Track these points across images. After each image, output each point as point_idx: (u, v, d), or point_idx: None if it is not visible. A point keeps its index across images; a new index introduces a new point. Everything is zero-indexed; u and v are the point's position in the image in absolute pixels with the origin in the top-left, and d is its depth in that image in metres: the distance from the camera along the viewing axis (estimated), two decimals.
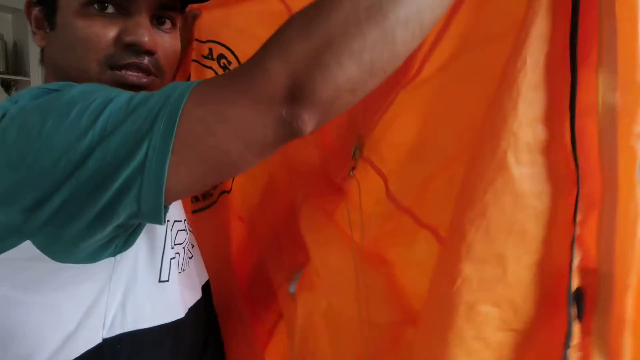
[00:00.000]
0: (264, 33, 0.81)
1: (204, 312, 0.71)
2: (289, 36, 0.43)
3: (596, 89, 0.46)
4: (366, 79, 0.43)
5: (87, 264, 0.51)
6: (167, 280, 0.61)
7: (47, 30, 0.59)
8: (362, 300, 0.69)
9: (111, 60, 0.57)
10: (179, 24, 0.67)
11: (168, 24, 0.64)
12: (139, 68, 0.59)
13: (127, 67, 0.58)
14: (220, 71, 0.89)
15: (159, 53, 0.61)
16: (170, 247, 0.63)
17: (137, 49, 0.58)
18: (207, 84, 0.46)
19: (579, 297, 0.46)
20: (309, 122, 0.43)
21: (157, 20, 0.62)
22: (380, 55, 0.42)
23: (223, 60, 0.88)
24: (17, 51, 3.31)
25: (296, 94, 0.41)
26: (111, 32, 0.57)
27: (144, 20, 0.59)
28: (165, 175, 0.43)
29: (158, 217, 0.46)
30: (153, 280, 0.59)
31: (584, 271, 0.47)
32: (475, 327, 0.48)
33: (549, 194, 0.47)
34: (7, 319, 0.51)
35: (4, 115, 0.48)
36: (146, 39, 0.58)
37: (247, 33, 0.84)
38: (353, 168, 0.72)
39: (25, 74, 3.27)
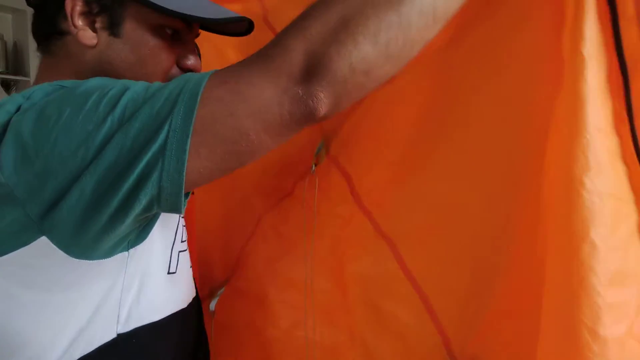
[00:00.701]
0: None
1: (197, 307, 0.73)
2: (308, 18, 0.45)
3: None
4: (381, 62, 0.44)
5: (100, 260, 0.51)
6: (175, 272, 0.62)
7: (106, 33, 0.59)
8: (310, 318, 0.66)
9: (169, 80, 0.60)
10: None
11: None
12: None
13: None
14: None
15: None
16: (180, 240, 0.64)
17: (191, 73, 0.60)
18: (228, 67, 0.47)
19: None
20: (323, 101, 0.43)
21: None
22: (395, 39, 0.43)
23: None
24: (17, 51, 3.32)
25: (312, 70, 0.43)
26: (173, 55, 0.62)
27: (194, 48, 0.65)
28: (186, 157, 0.43)
29: (178, 202, 0.45)
30: (163, 272, 0.60)
31: None
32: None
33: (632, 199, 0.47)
34: (18, 320, 0.50)
35: (17, 109, 0.48)
36: (199, 65, 0.64)
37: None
38: (315, 164, 0.68)
39: (25, 74, 3.28)
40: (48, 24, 0.60)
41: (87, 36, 0.59)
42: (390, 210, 0.61)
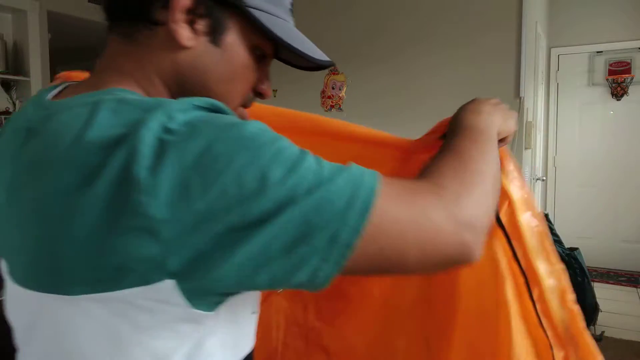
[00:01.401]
0: None
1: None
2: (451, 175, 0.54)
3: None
4: (491, 216, 0.56)
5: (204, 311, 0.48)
6: (256, 312, 0.61)
7: (206, 39, 0.55)
8: None
9: (245, 101, 0.61)
10: None
11: None
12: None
13: (245, 107, 0.63)
14: None
15: None
16: None
17: (260, 97, 0.63)
18: (396, 182, 0.50)
19: None
20: (480, 249, 0.52)
21: None
22: (494, 195, 0.58)
23: None
24: (17, 51, 3.42)
25: (475, 222, 0.51)
26: (255, 78, 0.60)
27: (269, 72, 0.63)
28: (349, 255, 0.44)
29: (318, 288, 0.46)
30: (250, 312, 0.58)
31: None
32: None
33: None
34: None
35: (164, 130, 0.43)
36: (270, 91, 0.64)
37: None
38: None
39: (25, 73, 3.39)
40: (140, 7, 0.53)
41: (185, 35, 0.53)
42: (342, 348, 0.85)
